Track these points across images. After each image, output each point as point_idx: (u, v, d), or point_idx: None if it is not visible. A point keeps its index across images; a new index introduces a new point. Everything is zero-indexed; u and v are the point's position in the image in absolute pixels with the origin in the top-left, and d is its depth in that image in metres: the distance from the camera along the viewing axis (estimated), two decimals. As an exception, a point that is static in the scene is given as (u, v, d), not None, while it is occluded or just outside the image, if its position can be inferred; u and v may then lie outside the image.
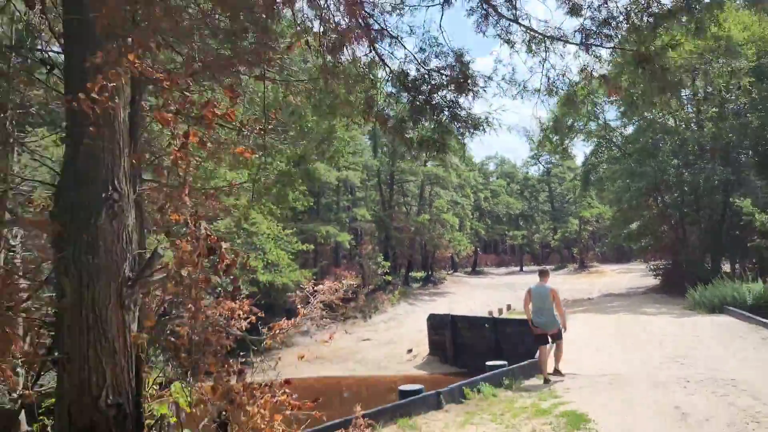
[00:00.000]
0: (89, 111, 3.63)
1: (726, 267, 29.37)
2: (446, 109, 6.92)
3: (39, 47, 6.25)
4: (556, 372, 9.96)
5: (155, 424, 4.83)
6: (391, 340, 26.84)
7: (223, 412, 3.98)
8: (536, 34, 7.08)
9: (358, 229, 40.68)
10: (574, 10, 6.81)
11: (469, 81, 6.84)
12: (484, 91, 7.01)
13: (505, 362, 9.76)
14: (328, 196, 36.96)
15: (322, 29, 6.28)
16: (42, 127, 8.45)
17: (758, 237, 21.89)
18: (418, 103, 6.87)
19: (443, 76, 6.96)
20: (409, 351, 24.18)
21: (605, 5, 6.68)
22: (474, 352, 21.06)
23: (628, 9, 6.60)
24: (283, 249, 24.38)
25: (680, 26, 6.94)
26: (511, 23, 7.10)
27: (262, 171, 22.02)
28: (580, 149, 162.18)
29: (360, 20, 6.42)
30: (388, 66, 7.04)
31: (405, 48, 7.12)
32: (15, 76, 5.18)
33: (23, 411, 4.79)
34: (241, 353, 5.01)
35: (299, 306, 5.33)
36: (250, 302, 4.48)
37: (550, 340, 9.92)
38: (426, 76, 6.98)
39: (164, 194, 4.54)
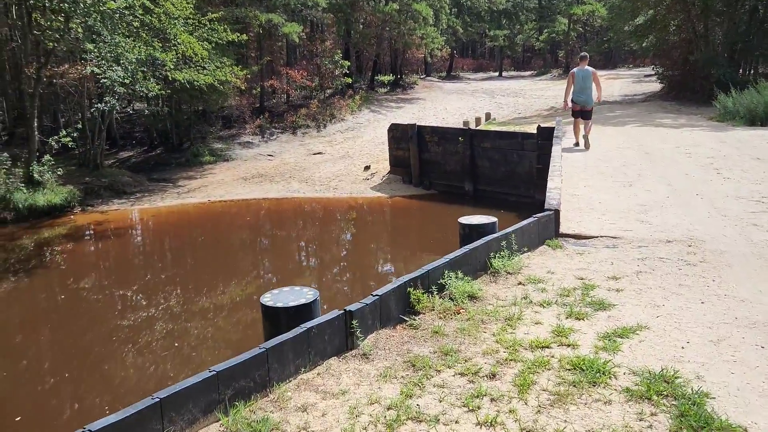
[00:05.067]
0: None
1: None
2: None
3: None
4: (585, 138, 11.41)
5: None
6: (347, 155, 22.60)
7: None
8: None
9: (315, 21, 34.37)
10: None
11: None
12: None
13: (494, 219, 5.16)
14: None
15: None
16: None
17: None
18: None
19: None
20: (366, 168, 20.12)
21: None
22: (444, 171, 17.62)
23: None
24: (206, 39, 18.79)
25: None
26: None
27: None
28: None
29: None
30: None
31: None
32: None
33: None
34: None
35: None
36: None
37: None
38: None
39: None
